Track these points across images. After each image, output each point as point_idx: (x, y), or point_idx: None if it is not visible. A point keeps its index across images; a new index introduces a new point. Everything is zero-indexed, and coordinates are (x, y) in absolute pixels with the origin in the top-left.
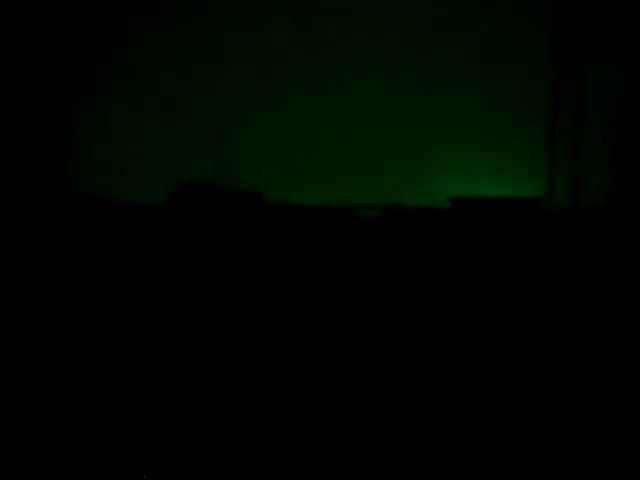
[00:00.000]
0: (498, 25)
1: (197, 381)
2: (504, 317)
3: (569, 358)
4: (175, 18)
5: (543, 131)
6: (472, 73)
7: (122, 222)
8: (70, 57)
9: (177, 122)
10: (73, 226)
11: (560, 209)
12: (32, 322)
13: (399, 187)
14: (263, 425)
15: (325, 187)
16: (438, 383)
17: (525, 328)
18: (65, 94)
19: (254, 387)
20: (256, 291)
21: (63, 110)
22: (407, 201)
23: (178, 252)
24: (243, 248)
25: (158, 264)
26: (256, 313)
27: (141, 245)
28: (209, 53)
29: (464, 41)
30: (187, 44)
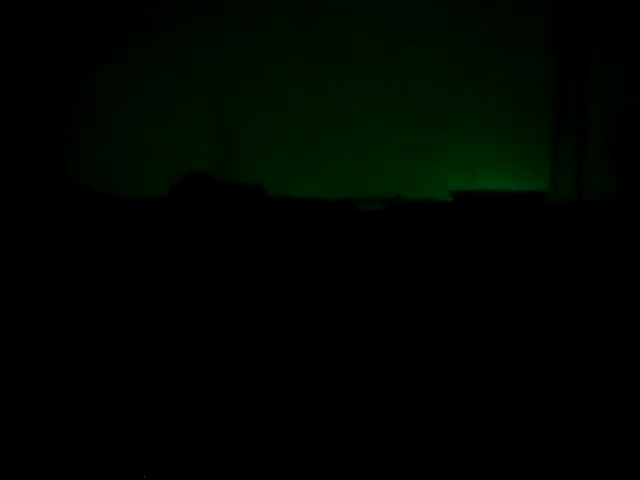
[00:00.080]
0: (499, 24)
1: (198, 377)
2: (508, 311)
3: (574, 352)
4: (175, 18)
5: (546, 130)
6: (473, 73)
7: (123, 215)
8: (70, 57)
9: (177, 122)
10: (74, 219)
11: (565, 204)
12: (32, 315)
13: (399, 187)
14: (263, 421)
15: (326, 186)
16: (441, 379)
17: (530, 321)
18: (65, 94)
19: (256, 382)
20: (258, 284)
21: (63, 109)
22: (409, 196)
23: (180, 244)
24: (246, 241)
25: (159, 257)
26: (258, 306)
27: (142, 238)
28: (209, 53)
29: (464, 41)
30: (187, 44)
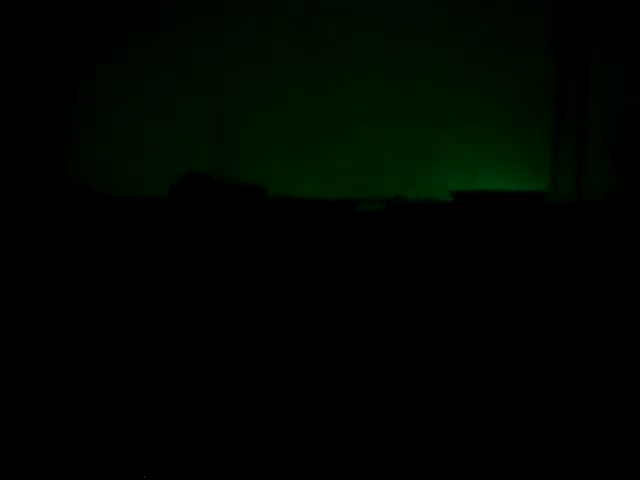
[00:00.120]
0: (499, 24)
1: (199, 376)
2: (508, 310)
3: (574, 350)
4: (175, 18)
5: (546, 130)
6: (473, 73)
7: (122, 214)
8: (70, 57)
9: (177, 122)
10: (73, 218)
11: (565, 204)
12: (32, 313)
13: (400, 187)
14: (263, 420)
15: (326, 186)
16: (440, 376)
17: (530, 320)
18: (65, 94)
19: (256, 380)
20: (258, 283)
21: (63, 109)
22: (409, 196)
23: (179, 244)
24: (246, 240)
25: (159, 256)
26: (258, 305)
27: (142, 237)
28: (209, 53)
29: (464, 41)
30: (187, 44)
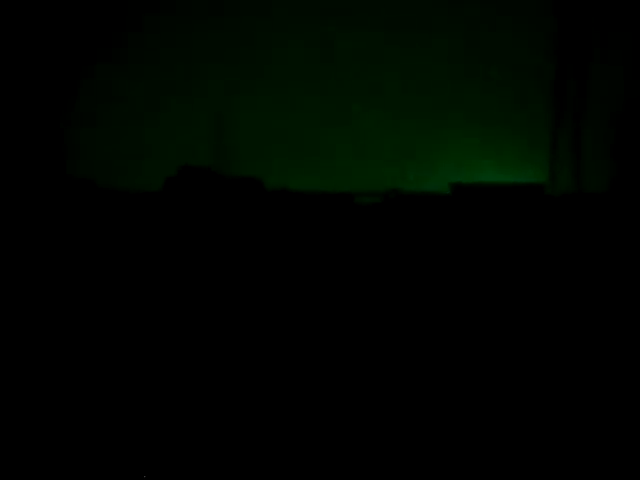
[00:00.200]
0: (499, 24)
1: (196, 373)
2: (506, 303)
3: (573, 346)
4: (175, 18)
5: (546, 130)
6: (471, 69)
7: (117, 207)
8: (70, 57)
9: (177, 122)
10: (68, 210)
11: (564, 195)
12: (29, 310)
13: (398, 183)
14: (262, 419)
15: (326, 186)
16: (439, 373)
17: (528, 313)
18: (65, 94)
19: (254, 377)
20: (256, 275)
21: (63, 109)
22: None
23: (174, 237)
24: (243, 232)
25: (151, 250)
26: (256, 299)
27: (136, 231)
28: (209, 53)
29: (464, 41)
30: (187, 44)
